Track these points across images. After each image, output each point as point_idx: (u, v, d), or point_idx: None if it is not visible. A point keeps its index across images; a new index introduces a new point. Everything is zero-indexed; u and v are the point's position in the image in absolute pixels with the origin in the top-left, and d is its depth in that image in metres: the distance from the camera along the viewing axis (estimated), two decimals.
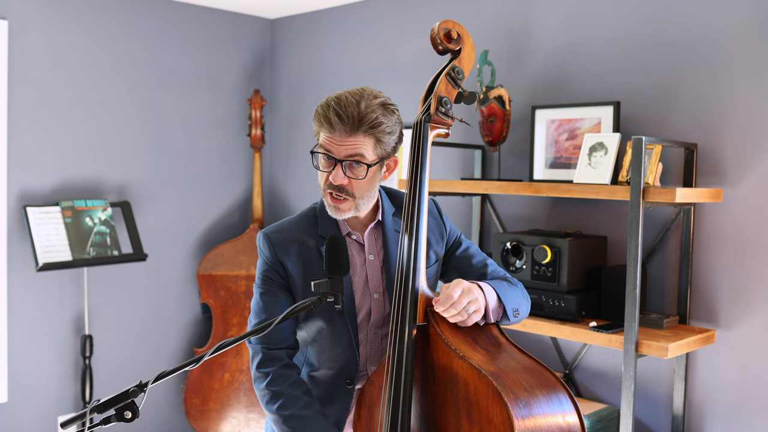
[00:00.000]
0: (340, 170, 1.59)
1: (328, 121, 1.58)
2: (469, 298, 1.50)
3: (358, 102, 1.57)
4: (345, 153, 1.58)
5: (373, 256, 1.71)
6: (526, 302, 1.71)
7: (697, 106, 2.42)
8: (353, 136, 1.57)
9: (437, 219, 1.78)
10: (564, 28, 2.76)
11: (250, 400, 3.68)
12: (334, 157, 1.59)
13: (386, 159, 1.65)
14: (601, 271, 2.50)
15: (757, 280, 2.30)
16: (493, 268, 1.77)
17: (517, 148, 2.88)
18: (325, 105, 1.60)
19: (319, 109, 1.61)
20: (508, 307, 1.61)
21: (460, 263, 1.77)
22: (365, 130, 1.57)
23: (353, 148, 1.58)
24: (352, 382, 1.70)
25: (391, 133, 1.61)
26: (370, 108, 1.57)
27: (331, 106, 1.58)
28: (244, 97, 3.95)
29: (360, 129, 1.57)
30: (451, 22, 1.68)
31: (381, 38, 3.44)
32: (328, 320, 1.68)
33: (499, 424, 1.37)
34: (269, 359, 1.69)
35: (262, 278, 1.72)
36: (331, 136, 1.59)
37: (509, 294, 1.64)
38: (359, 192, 1.62)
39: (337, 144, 1.58)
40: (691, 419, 2.45)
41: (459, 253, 1.78)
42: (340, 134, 1.57)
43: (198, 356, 1.32)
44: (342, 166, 1.59)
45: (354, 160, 1.58)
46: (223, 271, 3.73)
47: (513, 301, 1.63)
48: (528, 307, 1.72)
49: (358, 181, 1.60)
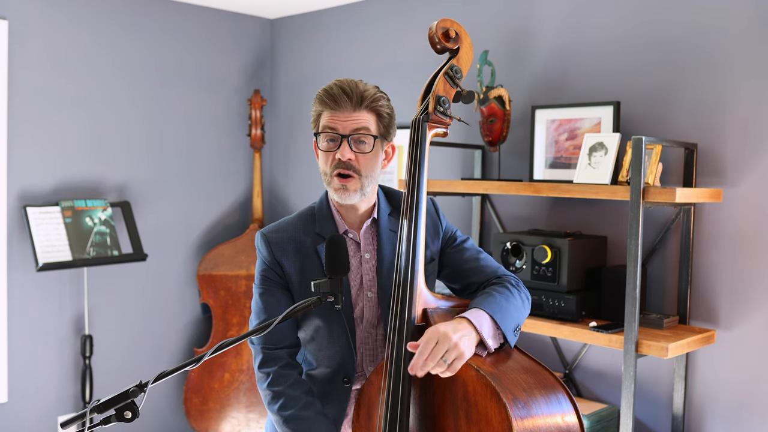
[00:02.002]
0: (347, 145, 1.61)
1: (332, 98, 1.62)
2: (446, 346, 1.40)
3: (358, 83, 1.65)
4: (351, 127, 1.62)
5: (369, 255, 1.72)
6: (525, 306, 1.65)
7: (697, 106, 2.42)
8: (357, 110, 1.62)
9: (433, 217, 1.77)
10: (564, 28, 2.76)
11: (250, 400, 3.68)
12: (340, 133, 1.62)
13: (385, 141, 1.68)
14: (601, 271, 2.50)
15: (757, 280, 2.30)
16: (487, 262, 1.74)
17: (517, 148, 2.88)
18: (327, 86, 1.65)
19: (321, 91, 1.66)
20: (507, 330, 1.54)
21: (452, 259, 1.76)
22: (368, 105, 1.63)
23: (358, 122, 1.62)
24: (349, 381, 1.71)
25: (389, 113, 1.67)
26: (367, 88, 1.65)
27: (334, 86, 1.63)
28: (244, 97, 3.95)
29: (363, 103, 1.62)
30: (449, 21, 1.68)
31: (381, 38, 3.44)
32: (325, 319, 1.68)
33: (498, 424, 1.37)
34: (270, 359, 1.70)
35: (261, 278, 1.73)
36: (335, 113, 1.63)
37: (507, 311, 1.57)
38: (365, 169, 1.64)
39: (342, 120, 1.62)
40: (691, 419, 2.45)
41: (451, 249, 1.77)
42: (345, 109, 1.62)
43: (198, 356, 1.32)
44: (348, 141, 1.61)
45: (360, 133, 1.62)
46: (223, 271, 3.73)
47: (511, 319, 1.57)
48: (527, 310, 1.66)
49: (364, 156, 1.63)
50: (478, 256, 1.75)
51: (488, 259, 1.76)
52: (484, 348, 1.50)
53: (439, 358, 1.40)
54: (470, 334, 1.46)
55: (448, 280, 1.79)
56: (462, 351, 1.42)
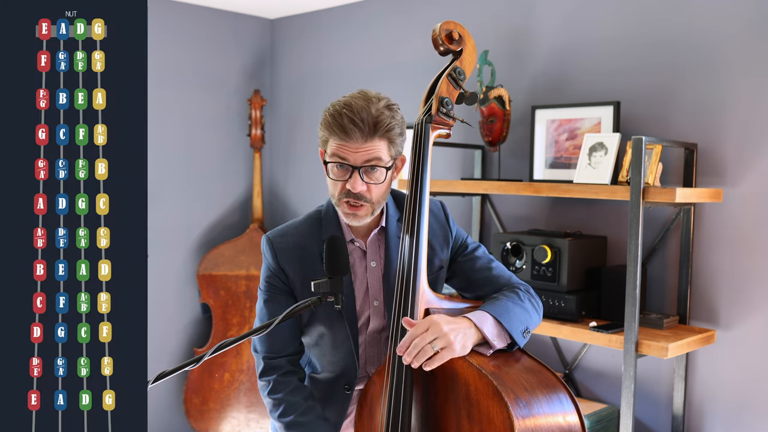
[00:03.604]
0: (358, 177, 1.54)
1: (341, 128, 1.53)
2: (435, 334, 1.41)
3: (368, 106, 1.53)
4: (362, 159, 1.54)
5: (375, 263, 1.70)
6: (537, 312, 1.64)
7: (697, 106, 2.42)
8: (369, 141, 1.53)
9: (442, 223, 1.74)
10: (564, 28, 2.76)
11: (250, 400, 3.68)
12: (351, 164, 1.55)
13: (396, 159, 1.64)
14: (601, 271, 2.50)
15: (757, 280, 2.30)
16: (499, 272, 1.71)
17: (517, 148, 2.88)
18: (335, 112, 1.54)
19: (329, 117, 1.56)
20: (514, 330, 1.52)
21: (463, 268, 1.74)
22: (380, 134, 1.54)
23: (370, 152, 1.54)
24: (350, 387, 1.71)
25: (401, 134, 1.60)
26: (380, 111, 1.54)
27: (344, 113, 1.52)
28: (244, 97, 3.96)
29: (376, 133, 1.53)
30: (452, 23, 1.68)
31: (381, 38, 3.44)
32: (329, 326, 1.67)
33: (500, 423, 1.37)
34: (270, 368, 1.71)
35: (266, 284, 1.72)
36: (345, 143, 1.54)
37: (514, 314, 1.55)
38: (377, 197, 1.59)
39: (352, 151, 1.54)
40: (691, 419, 2.46)
41: (462, 258, 1.74)
42: (356, 141, 1.53)
43: (198, 356, 1.32)
44: (360, 172, 1.55)
45: (371, 165, 1.55)
46: (223, 271, 3.74)
47: (518, 321, 1.55)
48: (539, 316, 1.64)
49: (377, 186, 1.58)
50: (490, 265, 1.72)
51: (500, 268, 1.72)
52: (488, 347, 1.50)
53: (426, 343, 1.41)
54: (466, 331, 1.46)
55: (459, 288, 1.77)
56: (451, 342, 1.41)
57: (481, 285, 1.71)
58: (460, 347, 1.44)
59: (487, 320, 1.51)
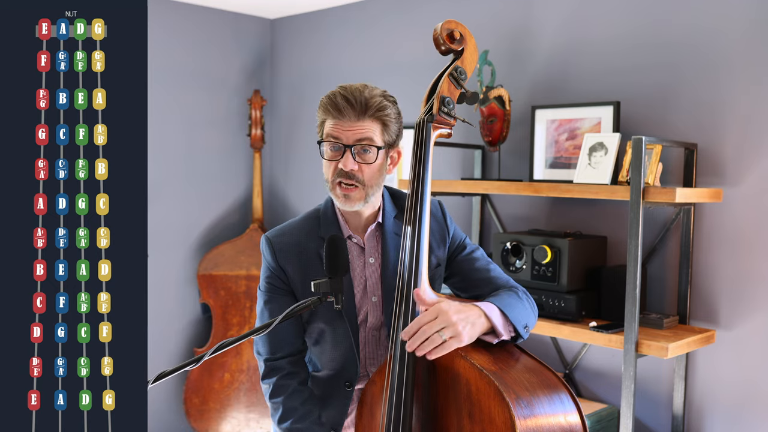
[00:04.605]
0: (350, 156, 1.59)
1: (335, 106, 1.59)
2: (444, 323, 1.40)
3: (363, 89, 1.60)
4: (354, 138, 1.59)
5: (373, 259, 1.71)
6: (534, 313, 1.65)
7: (697, 106, 2.42)
8: (361, 120, 1.59)
9: (440, 222, 1.76)
10: (564, 28, 2.76)
11: (250, 400, 3.68)
12: (343, 143, 1.59)
13: (391, 148, 1.66)
14: (601, 271, 2.50)
15: (757, 280, 2.30)
16: (497, 273, 1.73)
17: (517, 148, 2.88)
18: (331, 94, 1.61)
19: (325, 99, 1.62)
20: (518, 324, 1.54)
21: (462, 268, 1.75)
22: (372, 114, 1.59)
23: (362, 132, 1.59)
24: (351, 384, 1.71)
25: (395, 120, 1.64)
26: (373, 94, 1.60)
27: (338, 93, 1.60)
28: (244, 97, 3.95)
29: (367, 113, 1.59)
30: (453, 23, 1.68)
31: (381, 38, 3.44)
32: (329, 323, 1.68)
33: (501, 423, 1.37)
34: (271, 370, 1.72)
35: (266, 284, 1.73)
36: (339, 122, 1.60)
37: (517, 309, 1.56)
38: (369, 179, 1.62)
39: (345, 129, 1.59)
40: (691, 419, 2.46)
41: (461, 258, 1.76)
42: (349, 119, 1.59)
43: (198, 356, 1.32)
44: (351, 151, 1.59)
45: (363, 144, 1.59)
46: (223, 271, 3.73)
47: (521, 316, 1.56)
48: (535, 317, 1.65)
49: (368, 167, 1.61)
50: (489, 266, 1.74)
51: (498, 271, 1.74)
52: (495, 336, 1.51)
53: (434, 331, 1.40)
54: (476, 321, 1.45)
55: (458, 287, 1.78)
56: (459, 332, 1.41)
57: (479, 285, 1.72)
58: (468, 338, 1.44)
59: (495, 311, 1.52)
